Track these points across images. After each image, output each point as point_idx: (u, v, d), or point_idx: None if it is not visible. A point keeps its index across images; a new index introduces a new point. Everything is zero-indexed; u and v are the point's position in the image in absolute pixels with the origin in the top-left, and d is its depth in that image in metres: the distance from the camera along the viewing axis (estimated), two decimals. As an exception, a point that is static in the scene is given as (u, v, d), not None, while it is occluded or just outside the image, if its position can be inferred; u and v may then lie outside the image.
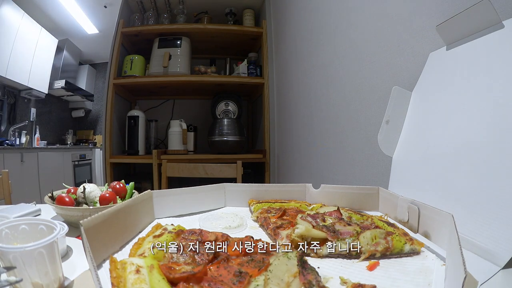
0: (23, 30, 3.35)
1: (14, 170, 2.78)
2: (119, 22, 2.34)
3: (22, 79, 3.41)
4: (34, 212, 0.70)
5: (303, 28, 1.72)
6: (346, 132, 1.21)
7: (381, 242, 0.42)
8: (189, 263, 0.36)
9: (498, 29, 0.52)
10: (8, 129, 3.49)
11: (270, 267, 0.35)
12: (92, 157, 4.52)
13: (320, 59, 1.49)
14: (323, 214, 0.51)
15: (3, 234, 0.37)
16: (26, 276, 0.33)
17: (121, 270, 0.32)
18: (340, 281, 0.35)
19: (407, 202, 0.52)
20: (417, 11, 0.80)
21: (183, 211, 0.63)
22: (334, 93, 1.34)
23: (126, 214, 0.47)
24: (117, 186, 0.70)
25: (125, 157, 2.33)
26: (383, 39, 0.96)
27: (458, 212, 0.42)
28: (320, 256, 0.43)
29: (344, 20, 1.23)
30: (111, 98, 2.26)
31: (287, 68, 2.07)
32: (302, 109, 1.73)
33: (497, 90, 0.50)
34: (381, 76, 0.97)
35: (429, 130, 0.66)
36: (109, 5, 3.42)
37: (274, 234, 0.48)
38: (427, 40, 0.75)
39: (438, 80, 0.67)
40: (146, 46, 2.44)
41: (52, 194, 0.67)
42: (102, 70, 4.92)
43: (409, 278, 0.36)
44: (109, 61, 2.32)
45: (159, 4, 2.50)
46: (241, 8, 2.57)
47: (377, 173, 0.97)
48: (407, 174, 0.71)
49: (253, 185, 0.71)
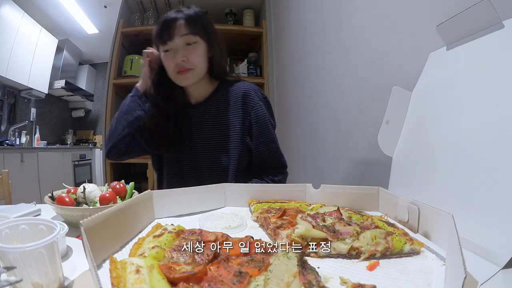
0: (23, 30, 3.35)
1: (14, 170, 2.78)
2: (119, 22, 2.34)
3: (22, 79, 3.41)
4: (34, 212, 0.70)
5: (303, 28, 1.72)
6: (346, 132, 1.21)
7: (381, 242, 0.42)
8: (189, 263, 0.36)
9: (498, 29, 0.52)
10: (8, 129, 3.49)
11: (270, 267, 0.35)
12: (92, 157, 4.52)
13: (320, 59, 1.49)
14: (323, 214, 0.51)
15: (3, 234, 0.37)
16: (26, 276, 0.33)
17: (121, 270, 0.32)
18: (340, 281, 0.35)
19: (407, 202, 0.52)
20: (417, 11, 0.80)
21: (183, 211, 0.63)
22: (334, 93, 1.34)
23: (126, 214, 0.47)
24: (117, 186, 0.70)
25: (125, 157, 2.33)
26: (383, 39, 0.96)
27: (458, 212, 0.42)
28: (320, 256, 0.43)
29: (344, 20, 1.23)
30: (111, 98, 2.26)
31: (287, 68, 2.07)
32: (302, 109, 1.73)
33: (497, 90, 0.50)
34: (381, 76, 0.97)
35: (429, 130, 0.66)
36: (109, 5, 3.42)
37: (274, 234, 0.48)
38: (427, 40, 0.75)
39: (438, 80, 0.67)
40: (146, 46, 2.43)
41: (52, 194, 0.66)
42: (102, 70, 4.92)
43: (409, 278, 0.36)
44: (109, 61, 2.32)
45: (159, 4, 2.50)
46: (241, 8, 2.57)
47: (377, 173, 0.97)
48: (407, 174, 0.71)
49: (253, 185, 0.71)
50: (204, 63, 0.89)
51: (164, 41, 0.85)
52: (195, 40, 0.86)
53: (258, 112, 0.91)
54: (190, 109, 0.95)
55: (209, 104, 0.94)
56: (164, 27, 0.85)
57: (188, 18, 0.84)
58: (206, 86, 0.96)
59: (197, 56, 0.87)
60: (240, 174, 0.92)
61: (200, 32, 0.86)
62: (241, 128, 0.91)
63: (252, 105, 0.91)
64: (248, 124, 0.92)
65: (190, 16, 0.85)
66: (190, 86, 0.93)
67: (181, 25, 0.84)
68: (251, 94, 0.93)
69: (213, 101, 0.94)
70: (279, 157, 0.96)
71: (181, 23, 0.84)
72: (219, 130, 0.92)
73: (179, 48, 0.85)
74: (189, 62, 0.85)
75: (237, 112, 0.92)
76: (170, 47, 0.86)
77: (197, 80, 0.90)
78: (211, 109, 0.94)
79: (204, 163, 0.93)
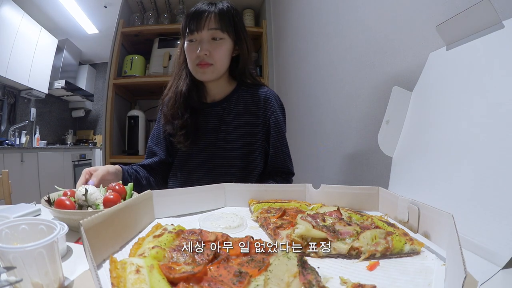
0: (23, 30, 3.35)
1: (14, 170, 2.78)
2: (119, 22, 2.34)
3: (22, 79, 3.41)
4: (34, 212, 0.70)
5: (303, 28, 1.72)
6: (346, 132, 1.21)
7: (381, 242, 0.42)
8: (189, 263, 0.36)
9: (498, 29, 0.52)
10: (8, 129, 3.49)
11: (270, 267, 0.35)
12: (92, 157, 4.52)
13: (320, 59, 1.49)
14: (323, 214, 0.51)
15: (3, 234, 0.37)
16: (26, 276, 0.33)
17: (121, 270, 0.32)
18: (340, 281, 0.35)
19: (407, 202, 0.52)
20: (417, 11, 0.80)
21: (183, 211, 0.63)
22: (334, 93, 1.34)
23: (126, 214, 0.47)
24: (116, 187, 0.68)
25: (125, 157, 2.33)
26: (383, 39, 0.96)
27: (458, 212, 0.42)
28: (320, 256, 0.42)
29: (344, 20, 1.23)
30: (111, 98, 2.26)
31: (287, 68, 2.07)
32: (302, 109, 1.73)
33: (497, 90, 0.50)
34: (381, 76, 0.97)
35: (429, 130, 0.66)
36: (109, 5, 3.42)
37: (274, 234, 0.48)
38: (427, 40, 0.75)
39: (438, 80, 0.67)
40: (146, 46, 2.44)
41: (49, 198, 0.62)
42: (102, 70, 4.92)
43: (409, 278, 0.36)
44: (109, 61, 2.32)
45: (159, 4, 2.50)
46: (241, 8, 2.57)
47: (377, 173, 0.97)
48: (407, 174, 0.71)
49: (253, 185, 0.71)
50: (226, 61, 0.89)
51: (191, 31, 0.84)
52: (222, 37, 0.85)
53: (277, 118, 0.92)
54: (206, 107, 0.94)
55: (228, 104, 0.93)
56: (194, 17, 0.84)
57: (220, 13, 0.84)
58: (225, 86, 0.95)
59: (220, 53, 0.86)
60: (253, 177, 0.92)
61: (229, 29, 0.86)
62: (261, 132, 0.91)
63: (272, 110, 0.92)
64: (267, 129, 0.92)
65: (223, 11, 0.85)
66: (211, 83, 0.92)
67: (211, 19, 0.83)
68: (271, 99, 0.93)
69: (232, 101, 0.93)
70: (289, 164, 0.96)
71: (211, 17, 0.83)
72: (239, 131, 0.92)
73: (204, 41, 0.84)
74: (211, 57, 0.84)
75: (257, 116, 0.92)
76: (195, 38, 0.85)
77: (216, 77, 0.89)
78: (230, 109, 0.93)
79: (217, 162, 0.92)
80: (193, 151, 0.93)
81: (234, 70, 0.94)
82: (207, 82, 0.92)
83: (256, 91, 0.95)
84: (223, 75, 0.91)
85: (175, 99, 0.91)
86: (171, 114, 0.91)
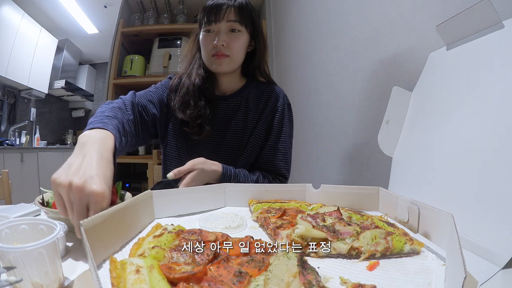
0: (23, 30, 3.35)
1: (14, 170, 2.78)
2: (119, 22, 2.35)
3: (22, 79, 3.41)
4: (34, 212, 0.70)
5: (303, 28, 1.72)
6: (346, 132, 1.21)
7: (381, 242, 0.42)
8: (189, 263, 0.36)
9: (498, 29, 0.52)
10: (8, 129, 3.49)
11: (270, 267, 0.35)
12: (92, 157, 4.51)
13: (320, 59, 1.49)
14: (323, 214, 0.51)
15: (3, 234, 0.37)
16: (26, 276, 0.33)
17: (121, 270, 0.32)
18: (340, 281, 0.35)
19: (407, 202, 0.52)
20: (417, 11, 0.80)
21: (183, 211, 0.63)
22: (334, 93, 1.34)
23: (126, 214, 0.47)
24: None
25: (125, 157, 2.33)
26: (383, 39, 0.96)
27: (458, 212, 0.42)
28: (320, 256, 0.42)
29: (344, 20, 1.23)
30: (111, 98, 2.26)
31: (287, 68, 2.07)
32: (302, 109, 1.73)
33: (497, 90, 0.50)
34: (381, 76, 0.97)
35: (429, 130, 0.66)
36: (109, 5, 3.42)
37: (274, 234, 0.48)
38: (427, 40, 0.75)
39: (438, 80, 0.67)
40: (146, 46, 2.44)
41: (43, 199, 0.59)
42: (102, 70, 4.92)
43: (409, 278, 0.36)
44: (109, 61, 2.32)
45: (159, 4, 2.50)
46: (241, 8, 2.56)
47: (377, 173, 0.97)
48: (407, 174, 0.71)
49: (253, 185, 0.71)
50: (242, 54, 0.89)
51: (209, 22, 0.84)
52: (240, 29, 0.85)
53: (281, 117, 0.93)
54: (216, 99, 0.93)
55: (238, 98, 0.93)
56: (213, 9, 0.84)
57: (239, 6, 0.85)
58: (237, 80, 0.95)
59: (238, 45, 0.86)
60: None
61: (247, 23, 0.86)
62: (264, 129, 0.92)
63: (279, 109, 0.93)
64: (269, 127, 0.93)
65: (242, 5, 0.85)
66: (223, 76, 0.92)
67: (231, 11, 0.84)
68: (280, 99, 0.95)
69: (243, 96, 0.94)
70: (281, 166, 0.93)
71: (231, 9, 0.84)
72: (247, 127, 0.92)
73: (221, 32, 0.84)
74: (228, 49, 0.84)
75: (264, 113, 0.93)
76: (213, 29, 0.85)
77: (231, 70, 0.89)
78: (241, 103, 0.93)
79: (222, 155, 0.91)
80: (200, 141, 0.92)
81: (247, 66, 0.95)
82: (220, 75, 0.92)
83: (267, 88, 0.95)
84: (237, 69, 0.92)
85: (188, 88, 0.89)
86: (181, 102, 0.89)
